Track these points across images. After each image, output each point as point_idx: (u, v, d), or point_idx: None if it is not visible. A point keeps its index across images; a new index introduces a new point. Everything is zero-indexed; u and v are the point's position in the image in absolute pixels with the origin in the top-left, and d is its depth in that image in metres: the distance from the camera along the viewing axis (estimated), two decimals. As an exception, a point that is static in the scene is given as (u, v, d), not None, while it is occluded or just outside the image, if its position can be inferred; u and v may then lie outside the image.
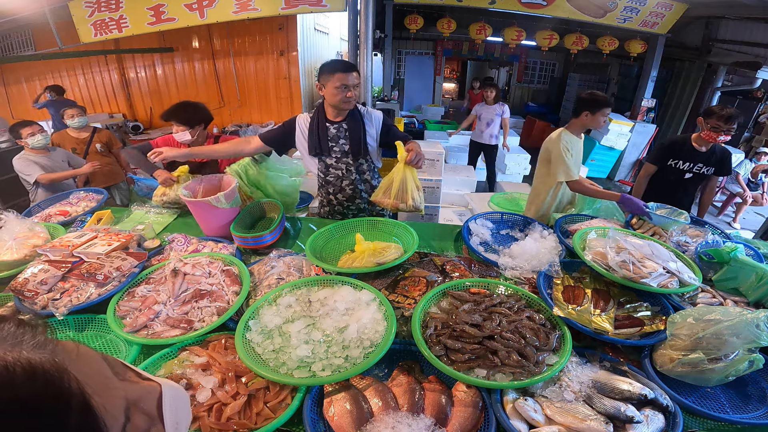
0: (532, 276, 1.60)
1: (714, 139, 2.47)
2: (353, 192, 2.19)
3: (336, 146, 2.06)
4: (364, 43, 2.97)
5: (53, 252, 1.60)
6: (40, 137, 2.96)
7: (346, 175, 2.14)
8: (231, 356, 1.21)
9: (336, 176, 2.14)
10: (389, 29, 6.57)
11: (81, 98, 7.61)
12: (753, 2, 4.68)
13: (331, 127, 2.03)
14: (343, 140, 2.06)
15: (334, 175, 2.13)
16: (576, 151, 2.41)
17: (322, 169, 2.13)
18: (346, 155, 2.09)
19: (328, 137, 2.04)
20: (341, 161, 2.10)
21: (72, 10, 4.19)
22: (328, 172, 2.13)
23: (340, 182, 2.15)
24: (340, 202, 2.23)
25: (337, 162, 2.10)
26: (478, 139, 5.39)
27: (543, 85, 10.56)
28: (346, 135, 2.05)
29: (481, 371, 1.14)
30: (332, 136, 2.04)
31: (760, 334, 1.11)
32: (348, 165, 2.12)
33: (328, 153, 2.07)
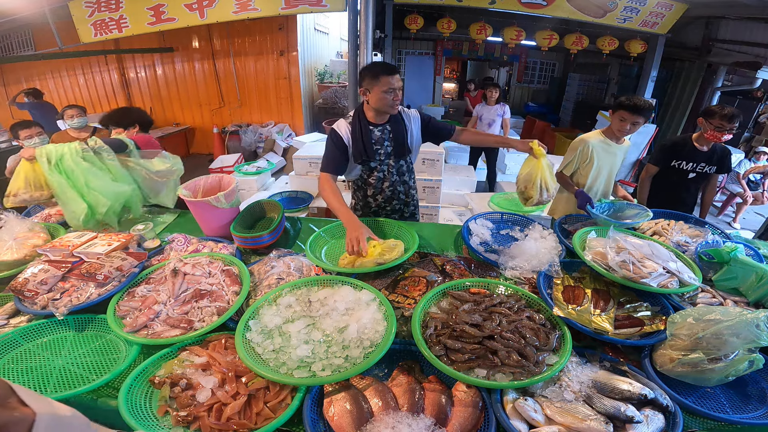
0: (532, 276, 1.60)
1: (719, 138, 2.48)
2: (392, 193, 2.19)
3: (381, 149, 2.05)
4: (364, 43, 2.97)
5: (53, 252, 1.60)
6: (37, 140, 2.91)
7: (387, 177, 2.13)
8: (231, 356, 1.21)
9: (377, 178, 2.12)
10: (389, 29, 6.56)
11: (81, 98, 7.62)
12: (753, 2, 4.68)
13: (375, 130, 2.02)
14: (387, 142, 2.06)
15: (376, 177, 2.12)
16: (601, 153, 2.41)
17: (366, 172, 2.11)
18: (389, 157, 2.09)
19: (373, 140, 2.02)
20: (384, 163, 2.10)
21: (72, 10, 4.18)
22: (371, 175, 2.11)
23: (381, 184, 2.15)
24: (378, 204, 2.21)
25: (380, 164, 2.09)
26: None
27: (543, 85, 10.55)
28: (390, 136, 2.05)
29: (481, 371, 1.14)
30: (377, 138, 2.03)
31: (760, 334, 1.11)
32: (390, 167, 2.12)
33: (373, 157, 2.05)
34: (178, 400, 1.08)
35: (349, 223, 1.73)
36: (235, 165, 5.46)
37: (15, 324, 1.38)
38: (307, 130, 7.36)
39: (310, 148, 4.63)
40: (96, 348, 1.32)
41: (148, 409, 1.07)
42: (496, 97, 5.14)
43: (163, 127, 7.62)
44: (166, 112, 7.75)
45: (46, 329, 1.36)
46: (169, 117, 7.77)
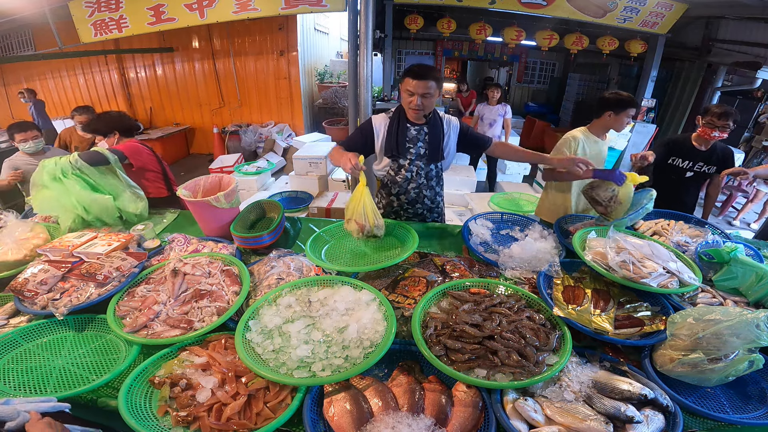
0: (532, 276, 1.60)
1: (708, 135, 2.48)
2: (417, 195, 2.19)
3: (413, 148, 2.07)
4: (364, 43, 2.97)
5: (53, 252, 1.60)
6: (31, 144, 2.87)
7: (414, 178, 2.14)
8: (231, 356, 1.21)
9: (405, 178, 2.13)
10: (389, 29, 6.56)
11: (81, 98, 7.62)
12: (753, 2, 4.68)
13: (411, 129, 2.04)
14: (421, 143, 2.07)
15: (403, 176, 2.13)
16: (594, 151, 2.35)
17: (394, 168, 2.12)
18: (421, 158, 2.10)
19: (407, 138, 2.05)
20: (414, 164, 2.10)
21: (72, 10, 4.18)
22: (398, 173, 2.12)
23: (407, 184, 2.15)
24: (401, 204, 2.22)
25: (410, 164, 2.10)
26: None
27: (543, 85, 10.55)
28: (425, 138, 2.07)
29: (481, 371, 1.14)
30: (411, 137, 2.05)
31: (760, 334, 1.11)
32: (419, 168, 2.12)
33: (403, 154, 2.07)
34: (178, 400, 1.08)
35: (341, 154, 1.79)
36: (235, 165, 5.46)
37: (15, 324, 1.38)
38: (307, 130, 7.36)
39: (310, 148, 4.63)
40: (96, 348, 1.32)
41: (148, 409, 1.07)
42: (498, 97, 5.14)
43: (163, 127, 7.62)
44: (166, 112, 7.75)
45: (46, 329, 1.36)
46: (169, 117, 7.78)
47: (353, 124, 3.51)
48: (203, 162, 7.12)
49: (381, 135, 2.05)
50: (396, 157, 2.07)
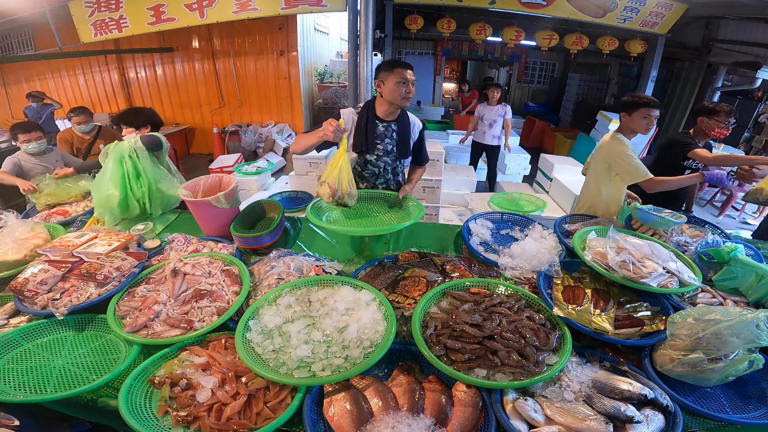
0: (532, 276, 1.60)
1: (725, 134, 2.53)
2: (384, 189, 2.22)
3: (380, 144, 2.08)
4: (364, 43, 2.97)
5: (53, 252, 1.59)
6: (34, 145, 2.90)
7: (382, 174, 2.16)
8: (231, 356, 1.21)
9: (372, 173, 2.15)
10: (389, 29, 6.56)
11: (81, 98, 7.61)
12: (753, 2, 4.68)
13: (380, 125, 2.05)
14: (388, 140, 2.09)
15: (370, 171, 2.14)
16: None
17: (360, 163, 2.13)
18: (388, 154, 2.12)
19: (375, 134, 2.05)
20: (381, 159, 2.12)
21: (72, 10, 4.18)
22: (365, 168, 2.14)
23: (375, 179, 2.17)
24: None
25: (377, 159, 2.12)
26: (481, 139, 5.37)
27: (543, 85, 10.55)
28: (393, 135, 2.09)
29: (481, 371, 1.14)
30: (379, 134, 2.06)
31: (760, 334, 1.11)
32: (386, 164, 2.14)
33: (371, 150, 2.08)
34: (178, 400, 1.08)
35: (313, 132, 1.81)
36: (235, 165, 5.46)
37: (15, 324, 1.37)
38: (307, 130, 7.35)
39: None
40: (96, 348, 1.32)
41: (148, 409, 1.07)
42: (498, 98, 5.13)
43: (163, 126, 7.61)
44: (165, 112, 7.74)
45: (46, 329, 1.36)
46: (169, 117, 7.77)
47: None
48: (203, 162, 7.12)
49: (349, 130, 2.03)
50: (364, 152, 2.08)
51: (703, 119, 2.57)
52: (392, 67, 1.91)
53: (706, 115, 2.55)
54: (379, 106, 2.03)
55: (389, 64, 1.93)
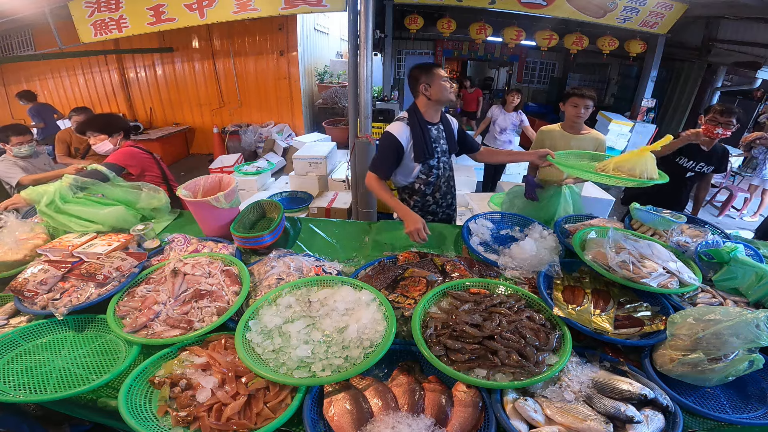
0: (532, 276, 1.60)
1: (711, 132, 2.50)
2: (447, 188, 2.27)
3: (438, 147, 2.11)
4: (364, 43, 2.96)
5: (53, 252, 1.60)
6: (26, 148, 2.93)
7: (443, 174, 2.20)
8: (231, 356, 1.21)
9: (437, 176, 2.18)
10: (389, 29, 6.56)
11: (81, 98, 7.61)
12: (753, 2, 4.67)
13: (432, 129, 2.07)
14: (442, 140, 2.13)
15: (435, 175, 2.17)
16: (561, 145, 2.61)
17: (425, 171, 2.13)
18: (444, 154, 2.16)
19: (432, 139, 2.07)
20: (440, 160, 2.15)
21: (72, 10, 4.17)
22: (430, 174, 2.15)
23: (438, 181, 2.20)
24: (436, 200, 2.26)
25: (438, 162, 2.14)
26: (492, 144, 5.14)
27: (543, 85, 10.54)
28: (443, 134, 2.13)
29: (481, 371, 1.14)
30: (434, 137, 2.09)
31: (760, 334, 1.10)
32: (445, 163, 2.19)
33: (433, 155, 2.09)
34: (178, 400, 1.08)
35: (407, 216, 1.86)
36: (235, 165, 5.46)
37: (15, 324, 1.37)
38: (307, 130, 7.36)
39: (310, 148, 4.63)
40: (96, 348, 1.32)
41: (148, 409, 1.07)
42: (517, 104, 4.86)
43: (163, 127, 7.62)
44: (166, 112, 7.75)
45: (46, 329, 1.36)
46: (168, 117, 7.77)
47: (353, 124, 3.50)
48: (203, 162, 7.12)
49: (408, 146, 2.03)
50: (427, 160, 2.09)
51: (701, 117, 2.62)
52: (430, 68, 1.95)
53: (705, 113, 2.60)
54: (426, 110, 2.04)
55: (426, 68, 1.96)
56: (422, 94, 2.00)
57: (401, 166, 2.11)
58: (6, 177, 2.92)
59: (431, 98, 1.99)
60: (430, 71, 1.95)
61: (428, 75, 1.95)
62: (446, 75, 1.97)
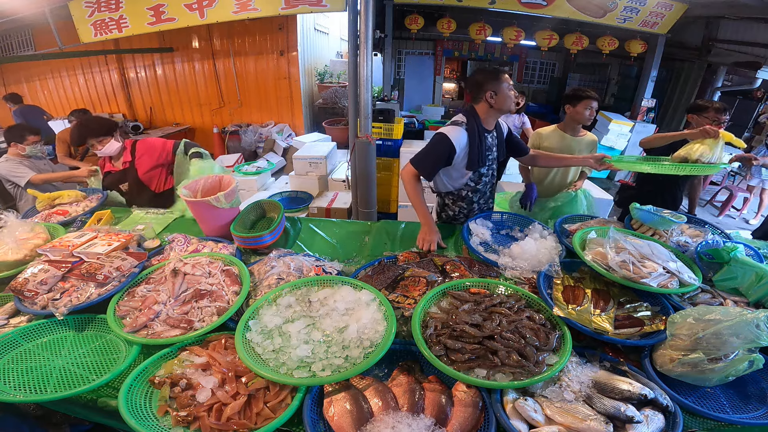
0: (532, 276, 1.60)
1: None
2: (490, 193, 2.25)
3: (490, 155, 2.08)
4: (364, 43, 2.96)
5: (53, 252, 1.60)
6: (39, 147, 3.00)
7: (490, 180, 2.17)
8: (231, 356, 1.21)
9: (485, 183, 2.14)
10: (389, 29, 6.56)
11: (81, 98, 7.61)
12: (753, 2, 4.67)
13: (488, 137, 2.03)
14: (495, 147, 2.10)
15: (483, 182, 2.13)
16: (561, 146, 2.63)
17: (474, 179, 2.08)
18: (495, 161, 2.13)
19: (486, 147, 2.03)
20: (490, 168, 2.12)
21: (72, 10, 4.17)
22: (479, 182, 2.11)
23: (486, 188, 2.18)
24: (480, 207, 2.23)
25: (488, 169, 2.11)
26: None
27: (543, 85, 10.54)
28: (496, 141, 2.10)
29: (481, 371, 1.14)
30: (488, 145, 2.04)
31: (760, 334, 1.10)
32: (493, 171, 2.16)
33: (485, 163, 2.06)
34: (178, 400, 1.08)
35: (425, 224, 1.89)
36: (235, 165, 5.46)
37: (15, 324, 1.37)
38: (307, 130, 7.36)
39: (310, 148, 4.63)
40: (96, 348, 1.32)
41: (148, 409, 1.07)
42: (520, 106, 4.84)
43: (163, 127, 7.62)
44: (166, 112, 7.74)
45: (46, 329, 1.36)
46: (169, 117, 7.77)
47: (353, 124, 3.50)
48: (203, 162, 7.11)
49: (463, 152, 1.96)
50: (479, 167, 2.05)
51: (693, 117, 2.58)
52: (498, 75, 1.87)
53: (695, 112, 2.56)
54: (486, 117, 1.97)
55: (494, 74, 1.87)
56: (486, 101, 1.91)
57: (448, 171, 2.05)
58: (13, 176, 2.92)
59: (494, 106, 1.91)
60: (498, 78, 1.86)
61: (496, 82, 1.87)
62: (511, 82, 1.91)
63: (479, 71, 1.96)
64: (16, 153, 2.96)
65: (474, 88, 1.95)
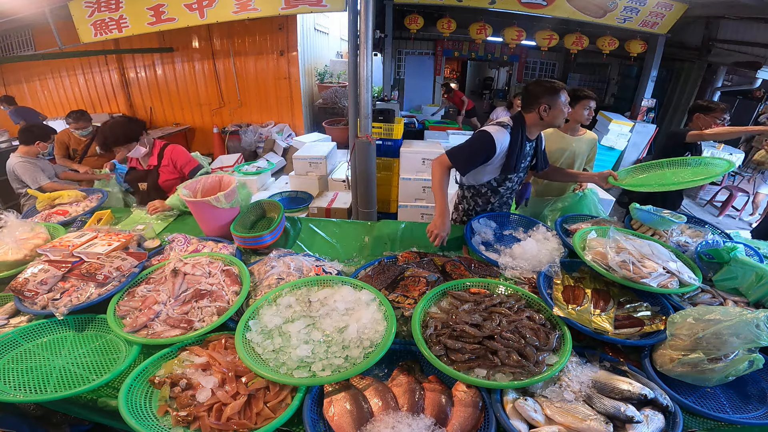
0: (532, 276, 1.60)
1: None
2: (507, 199, 2.25)
3: (524, 163, 2.10)
4: (364, 43, 2.96)
5: (53, 252, 1.60)
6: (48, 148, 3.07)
7: (513, 186, 2.18)
8: (231, 356, 1.21)
9: (507, 188, 2.16)
10: (389, 29, 6.56)
11: (81, 98, 7.61)
12: (753, 2, 4.68)
13: (527, 145, 2.05)
14: (529, 157, 2.11)
15: (506, 187, 2.14)
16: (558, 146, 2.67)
17: (499, 180, 2.09)
18: (524, 170, 2.15)
19: (523, 155, 2.05)
20: (518, 175, 2.12)
21: (72, 10, 4.17)
22: (502, 184, 2.12)
23: (507, 192, 2.19)
24: (493, 209, 2.23)
25: (516, 176, 2.12)
26: None
27: (543, 85, 10.55)
28: (532, 151, 2.11)
29: (481, 371, 1.14)
30: (526, 153, 2.06)
31: (760, 334, 1.10)
32: (520, 178, 2.17)
33: (517, 170, 2.07)
34: (178, 400, 1.08)
35: (439, 216, 1.85)
36: (235, 165, 5.46)
37: (15, 324, 1.37)
38: (307, 130, 7.36)
39: (310, 148, 4.63)
40: (96, 348, 1.32)
41: (148, 409, 1.07)
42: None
43: (163, 127, 7.61)
44: (166, 112, 7.74)
45: (46, 329, 1.36)
46: (169, 117, 7.77)
47: (353, 124, 3.50)
48: (203, 162, 7.11)
49: (502, 153, 1.97)
50: (511, 172, 2.05)
51: (700, 116, 2.64)
52: (557, 92, 1.87)
53: (703, 112, 2.62)
54: (532, 127, 1.99)
55: (552, 89, 1.87)
56: (538, 113, 1.91)
57: (482, 169, 2.06)
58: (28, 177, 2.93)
59: (545, 119, 1.92)
60: (555, 95, 1.87)
61: (552, 98, 1.87)
62: (569, 99, 1.93)
63: (538, 84, 1.94)
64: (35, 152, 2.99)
65: (529, 98, 1.95)
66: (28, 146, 2.99)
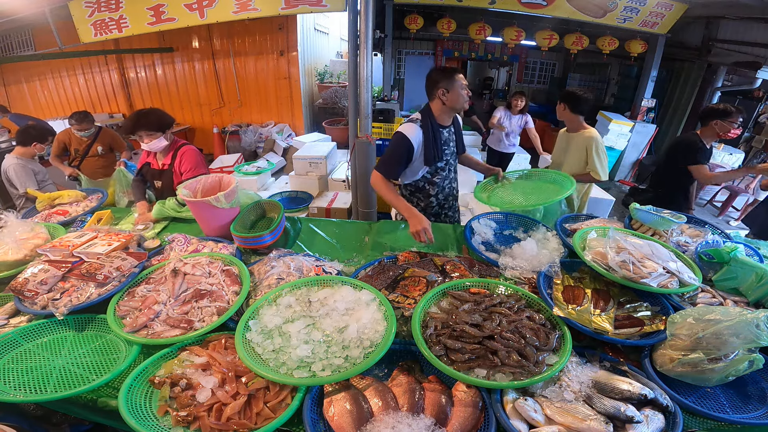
0: (532, 276, 1.60)
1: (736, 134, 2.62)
2: (450, 189, 2.27)
3: (447, 149, 2.13)
4: (364, 43, 2.96)
5: (53, 252, 1.60)
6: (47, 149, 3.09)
7: (447, 175, 2.21)
8: (231, 356, 1.21)
9: (442, 177, 2.18)
10: (389, 29, 6.56)
11: (81, 98, 7.61)
12: (753, 2, 4.68)
13: (444, 132, 2.09)
14: (452, 142, 2.16)
15: (440, 176, 2.17)
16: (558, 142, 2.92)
17: (431, 171, 2.13)
18: (452, 156, 2.18)
19: (442, 142, 2.08)
20: (448, 163, 2.16)
21: (72, 10, 4.17)
22: (436, 174, 2.16)
23: (443, 182, 2.21)
24: (440, 202, 2.26)
25: (445, 164, 2.15)
26: (495, 146, 5.23)
27: (543, 85, 10.53)
28: (452, 137, 2.15)
29: (481, 371, 1.14)
30: (445, 140, 2.10)
31: (760, 334, 1.10)
32: (450, 165, 2.20)
33: (442, 157, 2.10)
34: (178, 400, 1.08)
35: (411, 216, 1.85)
36: (235, 165, 5.46)
37: (15, 324, 1.38)
38: (307, 130, 7.36)
39: (310, 148, 4.63)
40: (96, 348, 1.32)
41: (148, 409, 1.07)
42: (522, 107, 4.92)
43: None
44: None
45: (46, 329, 1.36)
46: (169, 117, 7.77)
47: (353, 124, 3.50)
48: (203, 162, 7.11)
49: (419, 148, 2.03)
50: (436, 162, 2.09)
51: (718, 122, 2.62)
52: (452, 74, 1.93)
53: (720, 117, 2.60)
54: (440, 114, 2.05)
55: (448, 73, 1.94)
56: (439, 98, 1.99)
57: (410, 167, 2.11)
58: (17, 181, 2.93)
59: (447, 104, 1.98)
60: (451, 77, 1.93)
61: (448, 81, 1.93)
62: (465, 83, 1.97)
63: (434, 70, 2.02)
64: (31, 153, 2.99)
65: (429, 85, 2.03)
66: (24, 147, 2.99)
